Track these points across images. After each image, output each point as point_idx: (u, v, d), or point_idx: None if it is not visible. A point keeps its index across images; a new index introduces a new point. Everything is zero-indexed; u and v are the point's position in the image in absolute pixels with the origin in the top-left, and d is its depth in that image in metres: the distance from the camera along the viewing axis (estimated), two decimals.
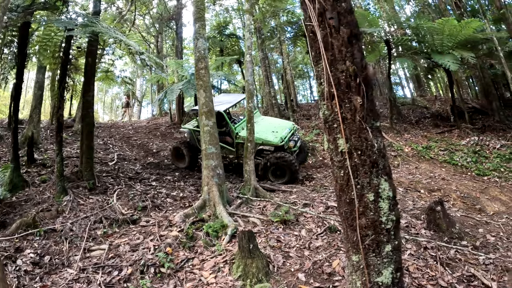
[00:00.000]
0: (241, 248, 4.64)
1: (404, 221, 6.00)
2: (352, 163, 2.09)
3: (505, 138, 13.05)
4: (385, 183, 2.06)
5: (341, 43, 2.11)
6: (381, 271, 2.11)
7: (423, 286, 4.35)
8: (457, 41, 12.91)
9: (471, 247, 5.64)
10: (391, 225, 2.09)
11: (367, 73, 2.11)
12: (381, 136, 2.13)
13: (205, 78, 7.43)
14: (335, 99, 2.10)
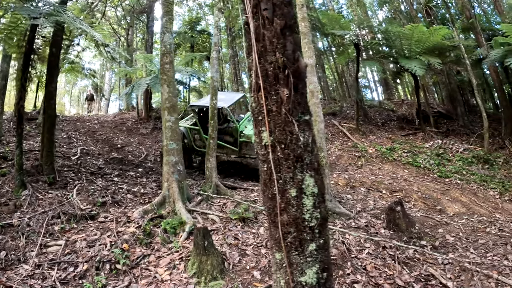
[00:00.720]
0: (196, 245, 4.57)
1: (364, 221, 6.04)
2: (275, 157, 1.98)
3: (468, 142, 13.45)
4: (310, 179, 1.95)
5: (273, 35, 2.02)
6: (304, 271, 2.00)
7: (380, 285, 4.35)
8: (425, 47, 13.21)
9: (430, 246, 5.70)
10: (315, 223, 1.97)
11: (298, 66, 2.02)
12: (309, 130, 2.02)
13: (169, 73, 7.32)
14: (261, 91, 2.01)
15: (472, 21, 15.17)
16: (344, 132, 14.30)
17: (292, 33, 2.07)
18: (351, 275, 4.44)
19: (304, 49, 7.06)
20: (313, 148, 2.01)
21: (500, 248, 5.79)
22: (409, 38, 12.96)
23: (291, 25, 2.09)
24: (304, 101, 2.04)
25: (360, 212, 6.43)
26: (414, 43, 13.08)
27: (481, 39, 14.99)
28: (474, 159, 11.71)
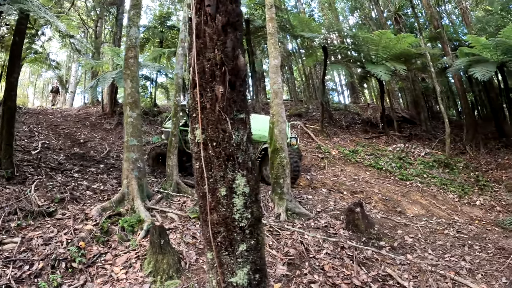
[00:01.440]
0: (152, 243, 4.47)
1: (324, 221, 6.05)
2: (207, 155, 1.95)
3: (430, 146, 13.84)
4: (242, 178, 1.92)
5: (214, 31, 1.98)
6: (235, 271, 1.96)
7: (337, 285, 4.35)
8: (392, 53, 13.52)
9: (389, 247, 5.76)
10: (246, 223, 1.94)
11: (236, 63, 1.99)
12: (244, 129, 2.00)
13: (133, 67, 7.16)
14: (197, 87, 1.97)
15: (439, 31, 15.64)
16: (308, 134, 14.41)
17: (234, 30, 2.03)
18: (308, 275, 4.42)
19: (271, 49, 7.06)
20: (247, 147, 1.97)
21: (457, 250, 5.94)
22: (376, 44, 13.23)
23: (234, 23, 2.06)
24: (241, 99, 2.01)
25: (320, 212, 6.45)
26: (381, 49, 13.36)
27: (447, 48, 15.49)
28: (435, 163, 12.01)
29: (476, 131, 15.30)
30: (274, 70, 6.88)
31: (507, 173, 11.87)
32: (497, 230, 7.41)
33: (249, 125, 2.04)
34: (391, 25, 19.46)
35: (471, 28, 18.00)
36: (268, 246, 4.92)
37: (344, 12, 28.78)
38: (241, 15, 2.16)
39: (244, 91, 2.06)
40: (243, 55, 2.07)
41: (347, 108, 20.19)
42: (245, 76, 2.05)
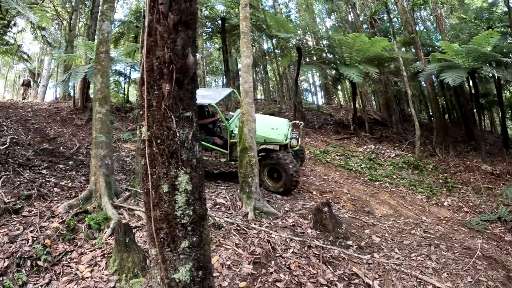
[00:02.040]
0: (117, 241, 4.45)
1: (292, 220, 6.08)
2: (151, 152, 1.98)
3: (400, 148, 14.09)
4: (185, 175, 1.95)
5: (165, 29, 2.00)
6: (177, 268, 1.99)
7: (303, 284, 4.39)
8: (365, 56, 13.71)
9: (356, 246, 5.83)
10: (188, 220, 1.99)
11: (185, 62, 2.01)
12: (189, 126, 2.02)
13: (104, 62, 7.07)
14: (145, 85, 1.99)
15: (413, 36, 15.96)
16: None
17: (186, 29, 2.04)
18: (274, 273, 4.45)
19: (243, 48, 7.06)
20: (192, 145, 2.00)
21: (424, 249, 6.05)
22: (351, 46, 13.39)
23: (186, 21, 2.06)
24: (188, 97, 2.03)
25: (288, 212, 6.48)
26: (355, 52, 13.53)
27: (420, 53, 15.79)
28: (404, 164, 12.21)
29: (446, 134, 15.65)
30: (246, 69, 6.89)
31: (475, 175, 12.17)
32: (463, 230, 7.58)
33: (195, 123, 2.05)
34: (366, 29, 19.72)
35: (444, 35, 18.43)
36: (234, 245, 4.92)
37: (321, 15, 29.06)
38: (195, 13, 2.17)
39: (192, 89, 2.08)
40: (194, 54, 2.08)
41: (320, 109, 20.33)
42: (194, 74, 2.06)
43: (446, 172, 12.44)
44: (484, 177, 12.27)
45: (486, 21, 17.58)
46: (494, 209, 9.48)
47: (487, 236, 7.50)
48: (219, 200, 6.51)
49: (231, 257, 4.63)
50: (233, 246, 4.90)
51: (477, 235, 7.43)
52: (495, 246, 6.93)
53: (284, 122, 9.21)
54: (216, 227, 5.36)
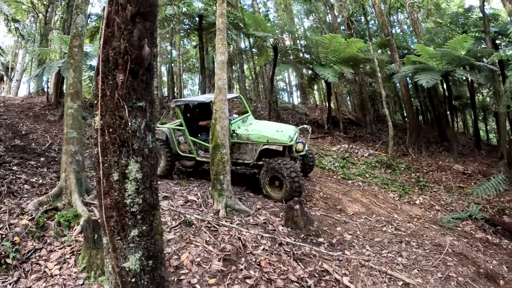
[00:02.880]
0: (86, 238, 4.40)
1: (263, 218, 6.10)
2: (103, 140, 1.99)
3: (373, 148, 14.33)
4: (135, 164, 1.97)
5: (122, 21, 2.01)
6: (127, 256, 2.00)
7: (273, 280, 4.40)
8: (341, 57, 13.89)
9: (327, 244, 5.87)
10: (138, 208, 1.99)
11: (141, 53, 2.03)
12: (142, 116, 2.05)
13: (77, 57, 6.97)
14: (100, 75, 2.01)
15: (389, 38, 16.26)
16: None
17: (144, 20, 2.05)
18: (244, 270, 4.45)
19: (218, 45, 7.05)
20: (145, 134, 2.01)
21: (395, 246, 6.13)
22: (326, 47, 13.54)
23: (144, 13, 2.08)
24: (142, 87, 2.05)
25: (260, 209, 6.50)
26: (331, 52, 13.70)
27: (395, 55, 16.12)
28: (377, 163, 12.37)
29: (419, 135, 15.99)
30: (221, 66, 6.89)
31: (446, 174, 12.46)
32: (434, 227, 7.69)
33: (149, 113, 2.06)
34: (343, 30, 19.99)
35: (420, 38, 18.80)
36: (205, 242, 4.89)
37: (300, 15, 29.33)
38: (154, 5, 2.18)
39: (147, 80, 2.08)
40: (151, 45, 2.09)
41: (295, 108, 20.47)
42: (149, 65, 2.07)
43: (419, 171, 12.67)
44: (455, 177, 12.57)
45: (461, 26, 18.00)
46: (465, 207, 9.71)
47: (458, 233, 7.62)
48: (191, 197, 6.47)
49: (201, 254, 4.60)
50: (203, 243, 4.86)
51: (448, 232, 7.53)
52: (465, 243, 7.06)
53: (291, 128, 8.80)
54: (187, 224, 5.33)
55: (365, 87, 19.62)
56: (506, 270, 6.06)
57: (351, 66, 13.98)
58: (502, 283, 5.46)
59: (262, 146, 7.73)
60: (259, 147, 7.74)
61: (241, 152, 7.98)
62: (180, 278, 4.10)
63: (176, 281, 4.02)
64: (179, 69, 22.07)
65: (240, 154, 7.99)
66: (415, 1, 19.00)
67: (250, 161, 7.88)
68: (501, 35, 16.61)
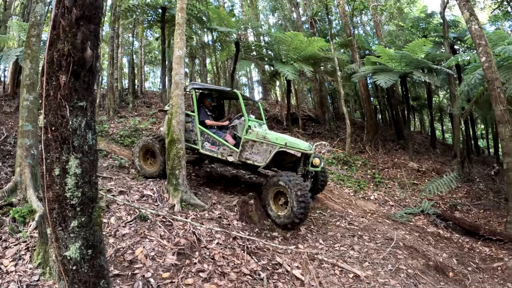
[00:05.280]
0: (40, 234, 4.34)
1: (218, 212, 6.15)
2: (46, 138, 2.13)
3: (331, 144, 14.61)
4: (75, 160, 2.14)
5: (67, 23, 2.14)
6: (68, 246, 2.16)
7: (226, 273, 4.49)
8: (302, 55, 14.15)
9: (281, 238, 6.03)
10: (77, 201, 2.16)
11: (83, 55, 2.16)
12: (83, 115, 2.20)
13: (35, 47, 6.76)
14: (45, 76, 2.14)
15: (350, 39, 16.70)
16: None
17: (88, 23, 2.19)
18: (198, 264, 4.51)
19: (177, 40, 7.04)
20: (85, 132, 2.19)
21: (347, 240, 6.34)
22: (288, 44, 13.74)
23: (89, 16, 2.21)
24: (84, 88, 2.19)
25: (215, 204, 6.55)
26: (292, 50, 13.91)
27: (356, 55, 16.54)
28: (334, 160, 12.66)
29: (376, 133, 16.48)
30: (178, 60, 6.89)
31: (401, 171, 12.92)
32: (387, 222, 7.95)
33: (90, 112, 2.23)
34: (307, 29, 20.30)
35: (381, 40, 19.40)
36: (159, 236, 4.90)
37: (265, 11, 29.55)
38: (100, 8, 2.30)
39: (89, 81, 2.24)
40: (94, 48, 2.24)
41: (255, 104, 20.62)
42: (91, 67, 2.22)
43: (375, 168, 13.06)
44: (410, 174, 13.05)
45: (422, 30, 18.64)
46: (418, 203, 10.04)
47: (410, 228, 7.91)
48: (147, 192, 6.44)
49: (155, 248, 4.62)
50: (158, 237, 4.86)
51: (401, 227, 7.83)
52: (417, 237, 7.36)
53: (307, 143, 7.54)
54: (142, 219, 5.33)
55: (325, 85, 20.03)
56: (456, 262, 6.37)
57: (311, 64, 14.24)
58: (452, 274, 5.74)
59: (279, 148, 6.92)
60: (275, 149, 6.92)
61: (253, 151, 7.13)
62: (134, 272, 4.11)
63: (130, 275, 4.04)
64: (141, 61, 21.71)
65: (252, 154, 7.13)
66: (378, 4, 19.51)
67: (262, 163, 7.03)
68: (459, 40, 17.37)
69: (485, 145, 26.21)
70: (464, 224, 8.67)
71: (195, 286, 4.12)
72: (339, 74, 13.98)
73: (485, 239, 7.84)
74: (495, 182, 13.89)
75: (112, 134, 11.98)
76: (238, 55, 14.10)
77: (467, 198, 11.76)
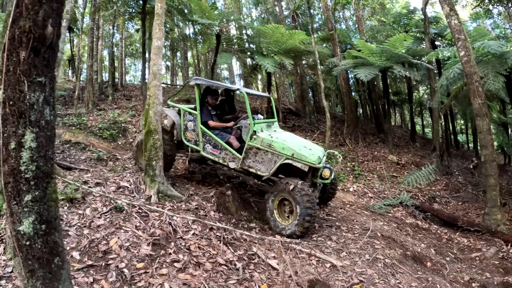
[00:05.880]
0: None
1: (195, 203, 6.14)
2: (4, 112, 2.16)
3: (311, 137, 14.73)
4: (31, 134, 2.17)
5: (30, 1, 2.17)
6: (22, 220, 2.17)
7: (201, 263, 4.49)
8: (282, 48, 14.11)
9: (258, 228, 6.07)
10: (31, 175, 2.18)
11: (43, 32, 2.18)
12: (41, 91, 2.22)
13: None
14: (5, 52, 2.16)
15: (332, 33, 16.80)
16: None
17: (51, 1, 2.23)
18: (173, 254, 4.51)
19: (155, 30, 6.96)
20: (43, 108, 2.23)
21: (325, 230, 6.42)
22: (269, 37, 13.72)
23: None
24: (43, 64, 2.22)
25: (192, 195, 6.54)
26: (273, 43, 13.88)
27: (337, 49, 16.66)
28: None
29: (356, 126, 16.67)
30: (156, 51, 6.82)
31: (381, 164, 13.10)
32: (366, 213, 8.06)
33: (49, 88, 2.26)
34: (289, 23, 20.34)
35: (363, 35, 19.58)
36: (134, 227, 4.84)
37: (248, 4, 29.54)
38: None
39: (49, 58, 2.26)
40: (55, 25, 2.28)
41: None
42: (51, 44, 2.24)
43: (354, 161, 13.19)
44: (390, 166, 13.23)
45: (403, 26, 18.85)
46: (397, 195, 10.23)
47: (388, 219, 8.04)
48: (123, 183, 6.36)
49: (130, 239, 4.58)
50: (133, 228, 4.81)
51: (379, 218, 7.95)
52: (395, 228, 7.47)
53: (320, 149, 7.23)
54: (118, 210, 5.26)
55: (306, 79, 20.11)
56: (434, 252, 6.49)
57: (292, 57, 14.23)
58: (430, 264, 5.85)
59: (284, 160, 6.28)
60: (280, 160, 6.30)
61: (256, 159, 6.53)
62: (108, 263, 4.07)
63: (104, 266, 4.00)
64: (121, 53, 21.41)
65: (255, 162, 6.55)
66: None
67: (265, 173, 6.46)
68: (440, 36, 17.65)
69: (465, 139, 26.68)
70: (443, 215, 8.81)
71: (169, 276, 4.10)
72: (319, 67, 14.04)
73: (463, 230, 7.98)
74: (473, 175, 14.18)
75: (91, 126, 11.85)
76: (219, 47, 14.00)
77: (446, 190, 11.98)
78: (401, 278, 4.98)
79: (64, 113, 13.14)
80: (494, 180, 8.28)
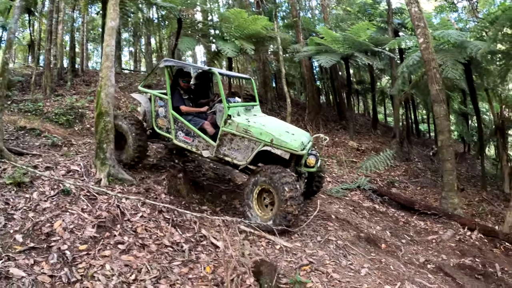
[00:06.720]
0: None
1: (146, 186, 6.10)
2: None
3: None
4: None
5: None
6: None
7: (146, 245, 4.51)
8: (244, 33, 14.03)
9: (210, 211, 6.12)
10: None
11: None
12: None
13: None
14: None
15: (295, 20, 16.89)
16: None
17: None
18: (118, 236, 4.49)
19: (109, 11, 6.74)
20: None
21: None
22: (231, 22, 13.70)
23: None
24: None
25: (144, 179, 6.47)
26: (235, 28, 13.83)
27: (300, 36, 16.79)
28: None
29: (318, 113, 16.94)
30: (110, 32, 6.62)
31: (340, 150, 13.37)
32: (323, 197, 8.06)
33: None
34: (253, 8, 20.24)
35: (327, 23, 19.73)
36: (81, 210, 4.78)
37: None
38: None
39: None
40: None
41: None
42: None
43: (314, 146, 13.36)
44: (350, 152, 13.50)
45: (368, 15, 19.08)
46: (355, 179, 10.36)
47: (345, 202, 8.12)
48: (74, 167, 6.20)
49: (75, 221, 4.53)
50: (79, 211, 4.74)
51: (335, 201, 8.03)
52: (351, 210, 7.58)
53: (305, 133, 6.69)
54: (65, 193, 5.18)
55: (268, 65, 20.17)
56: (390, 235, 6.65)
57: (253, 43, 14.15)
58: (384, 246, 5.96)
59: (263, 147, 5.73)
60: (258, 147, 5.76)
61: (232, 147, 5.99)
62: (51, 245, 4.03)
63: (45, 248, 3.96)
64: (83, 38, 20.74)
65: (231, 149, 6.01)
66: None
67: (242, 162, 5.96)
68: (403, 27, 18.00)
69: (426, 128, 27.43)
70: (400, 199, 8.99)
71: (112, 258, 4.11)
72: (281, 53, 14.08)
73: (420, 214, 8.16)
74: (433, 162, 14.66)
75: (47, 112, 11.53)
76: (181, 32, 13.77)
77: (405, 176, 12.33)
78: (353, 260, 5.07)
79: (20, 99, 12.71)
80: (450, 164, 8.57)
